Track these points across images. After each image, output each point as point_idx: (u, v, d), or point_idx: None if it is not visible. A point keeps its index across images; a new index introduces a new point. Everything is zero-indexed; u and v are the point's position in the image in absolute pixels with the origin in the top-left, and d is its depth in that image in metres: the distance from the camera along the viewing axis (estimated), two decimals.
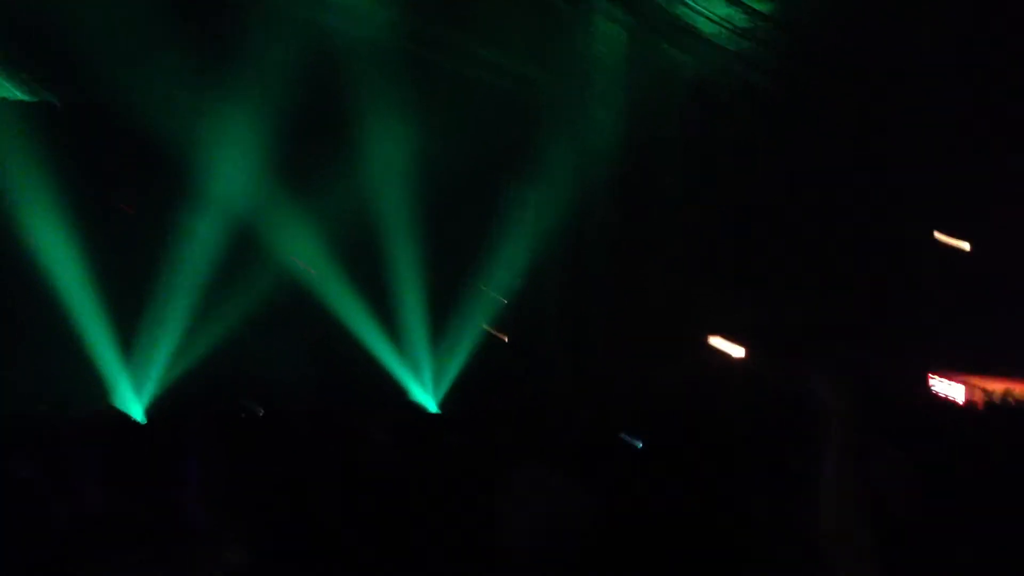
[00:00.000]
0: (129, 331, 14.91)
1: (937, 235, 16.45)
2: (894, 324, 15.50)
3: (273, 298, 15.74)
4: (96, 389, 14.56)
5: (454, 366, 17.61)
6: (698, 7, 15.34)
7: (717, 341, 15.79)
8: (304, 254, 16.42)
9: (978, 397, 14.55)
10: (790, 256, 15.92)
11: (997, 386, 14.29)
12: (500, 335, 18.32)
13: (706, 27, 15.49)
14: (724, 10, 15.69)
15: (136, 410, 14.98)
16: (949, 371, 16.25)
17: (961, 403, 14.70)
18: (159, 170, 14.78)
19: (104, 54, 12.19)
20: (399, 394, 17.00)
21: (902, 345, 15.21)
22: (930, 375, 16.09)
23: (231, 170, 14.91)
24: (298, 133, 14.80)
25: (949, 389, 16.31)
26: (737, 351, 15.94)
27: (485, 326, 17.56)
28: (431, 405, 17.49)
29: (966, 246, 16.51)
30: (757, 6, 16.02)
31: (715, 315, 15.92)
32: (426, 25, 15.30)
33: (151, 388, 15.29)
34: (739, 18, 15.84)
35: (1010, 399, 13.60)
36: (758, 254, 16.34)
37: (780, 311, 15.28)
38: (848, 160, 15.71)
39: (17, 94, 11.92)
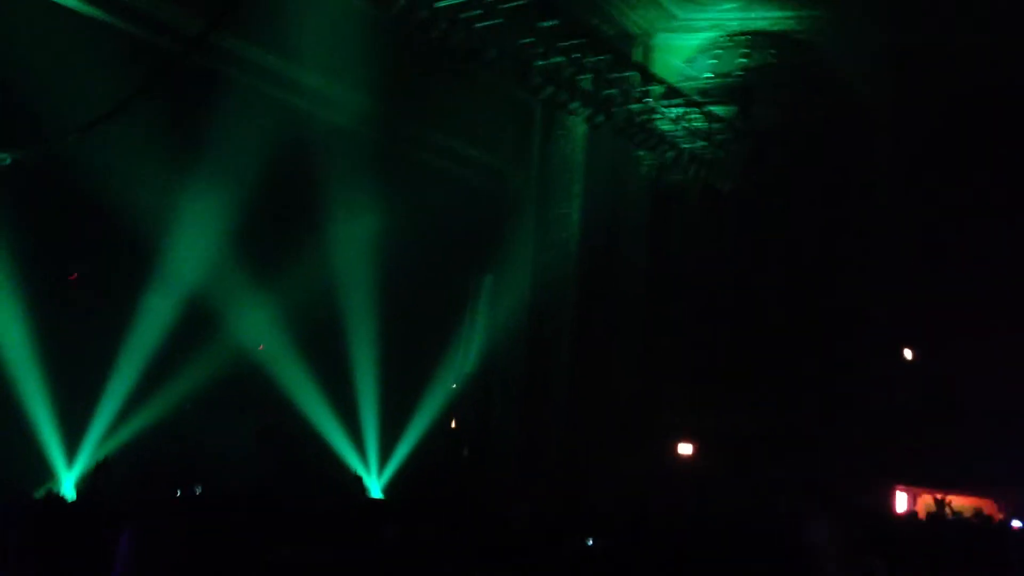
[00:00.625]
0: (69, 403, 14.45)
1: (900, 348, 16.75)
2: (855, 436, 15.62)
3: (223, 376, 15.45)
4: (31, 462, 14.02)
5: (401, 451, 17.41)
6: (657, 107, 15.72)
7: (677, 444, 15.77)
8: (259, 334, 16.17)
9: (930, 510, 14.66)
10: (751, 359, 16.06)
11: (955, 499, 14.44)
12: (449, 422, 18.16)
13: (664, 126, 15.87)
14: (680, 111, 16.11)
15: (67, 485, 14.45)
16: (912, 484, 16.40)
17: (919, 515, 14.80)
18: (114, 240, 14.52)
19: (67, 117, 12.03)
20: (344, 478, 16.69)
21: (862, 458, 15.33)
22: (896, 488, 16.22)
23: (191, 245, 14.70)
24: (262, 213, 14.71)
25: (909, 503, 16.47)
26: (690, 452, 15.93)
27: (436, 413, 17.41)
28: (375, 490, 17.19)
29: (923, 358, 16.81)
30: (715, 110, 16.50)
31: (673, 415, 15.93)
32: (397, 116, 15.45)
33: (84, 462, 14.78)
34: (696, 119, 16.26)
35: (947, 510, 13.74)
36: (720, 355, 16.47)
37: (740, 415, 15.34)
38: (811, 265, 16.04)
39: None
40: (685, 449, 15.93)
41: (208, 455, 15.59)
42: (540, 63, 14.02)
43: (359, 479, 16.80)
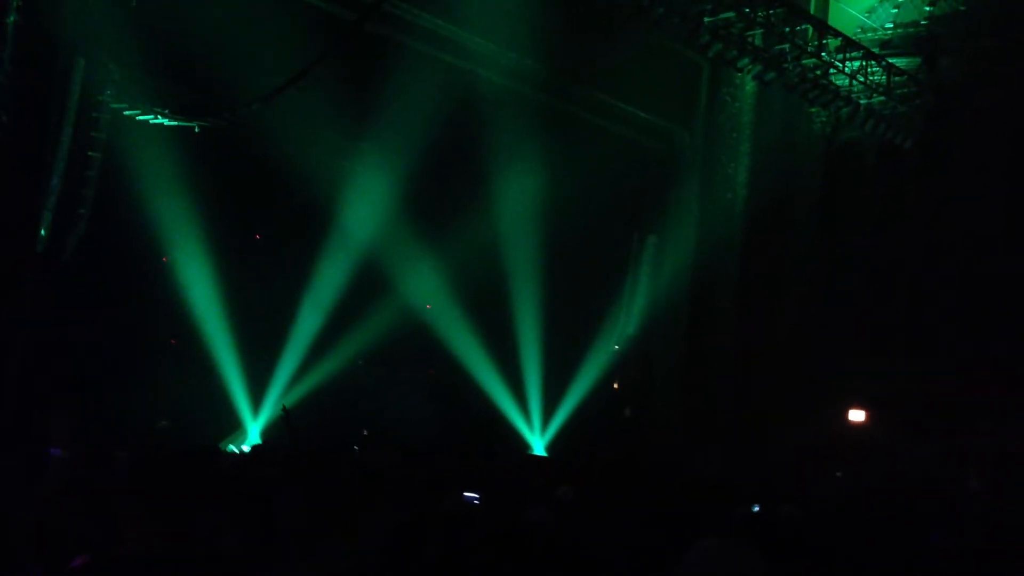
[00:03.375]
0: (253, 358, 15.31)
1: None
2: None
3: (396, 334, 16.01)
4: (217, 413, 14.95)
5: (563, 411, 17.60)
6: (833, 61, 15.03)
7: (848, 410, 15.24)
8: (430, 294, 16.65)
9: None
10: (930, 326, 15.29)
11: None
12: (612, 383, 18.19)
13: (839, 80, 15.15)
14: (858, 65, 15.33)
15: (253, 435, 15.37)
16: None
17: None
18: (295, 203, 15.21)
19: (249, 86, 12.59)
20: (509, 436, 17.05)
21: None
22: None
23: (364, 207, 15.24)
24: (433, 175, 15.07)
25: None
26: (863, 419, 15.37)
27: (600, 374, 17.48)
28: (539, 448, 17.48)
29: None
30: (897, 63, 15.62)
31: (844, 380, 15.39)
32: (564, 77, 15.40)
33: (267, 413, 15.65)
34: (875, 73, 15.44)
35: None
36: (896, 321, 15.76)
37: (918, 382, 14.67)
38: (996, 228, 15.04)
39: (161, 119, 12.38)
40: (857, 416, 15.39)
41: (380, 410, 16.28)
42: (708, 19, 13.67)
43: (524, 438, 17.19)
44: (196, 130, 12.66)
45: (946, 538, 7.22)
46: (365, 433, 15.74)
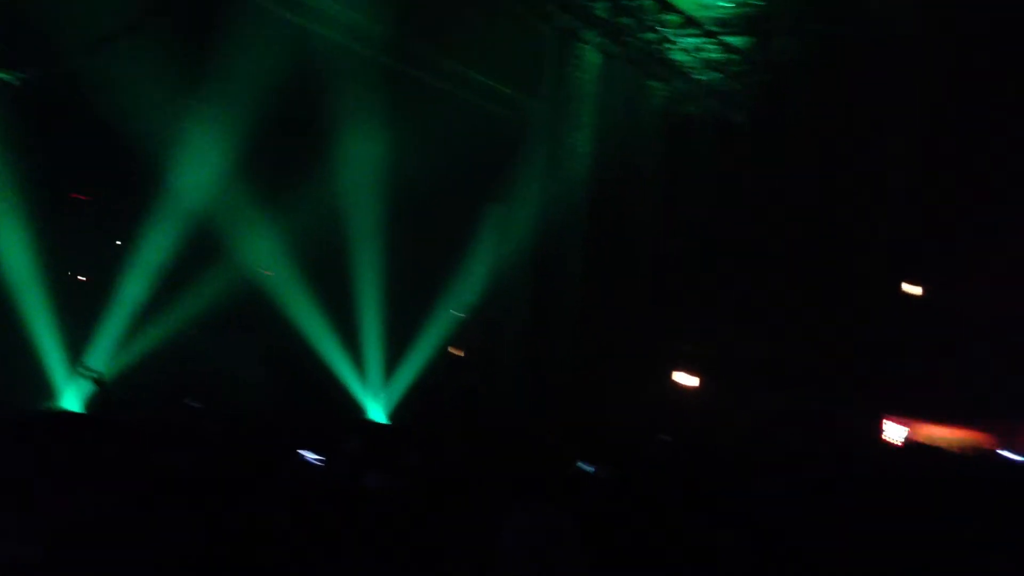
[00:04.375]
0: (73, 322, 14.46)
1: (901, 285, 16.84)
2: (851, 369, 15.77)
3: (228, 299, 15.45)
4: (38, 382, 14.08)
5: (407, 379, 17.51)
6: (672, 38, 15.46)
7: (679, 374, 15.90)
8: (266, 257, 16.13)
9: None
10: (754, 293, 16.10)
11: (943, 431, 14.69)
12: (458, 351, 18.23)
13: (678, 56, 15.61)
14: (696, 41, 15.84)
15: (70, 401, 14.54)
16: (902, 415, 16.66)
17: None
18: (122, 160, 14.36)
19: (73, 36, 11.80)
20: (349, 403, 16.83)
21: (857, 390, 15.50)
22: (884, 419, 16.45)
23: (197, 166, 14.54)
24: (271, 135, 14.51)
25: (899, 432, 16.74)
26: (695, 382, 16.07)
27: (444, 341, 17.46)
28: (381, 416, 17.35)
29: (921, 293, 16.94)
30: (731, 41, 16.22)
31: (678, 345, 16.02)
32: (409, 40, 15.14)
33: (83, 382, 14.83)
34: (712, 50, 15.99)
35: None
36: (724, 287, 16.49)
37: (744, 346, 15.44)
38: (821, 200, 15.96)
39: None
40: (690, 379, 16.07)
41: (212, 377, 15.71)
42: None
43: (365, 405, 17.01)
44: (14, 83, 11.82)
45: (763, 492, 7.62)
46: (190, 402, 15.15)
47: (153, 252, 14.85)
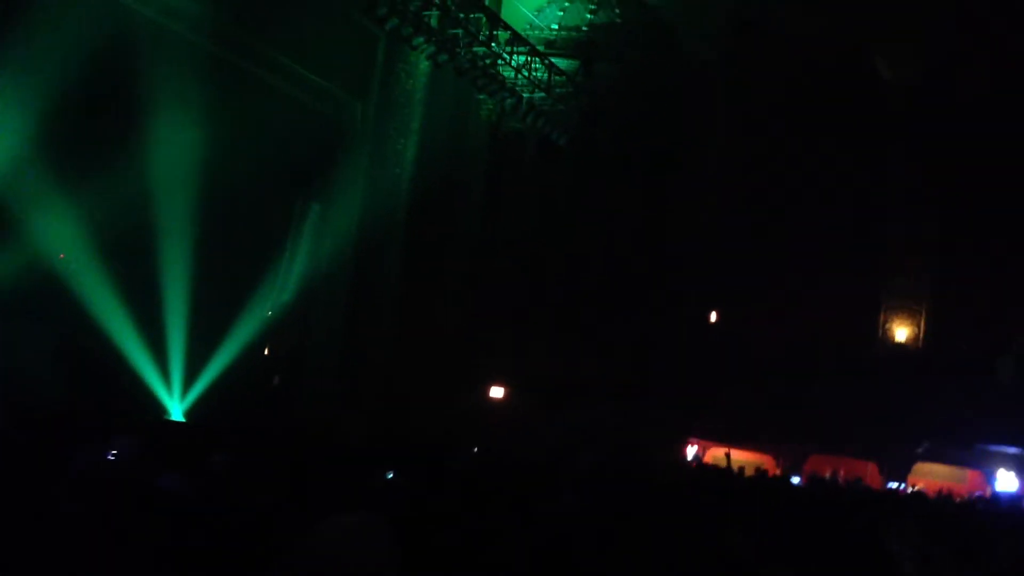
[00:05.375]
0: None
1: (707, 310, 17.75)
2: (657, 389, 16.47)
3: (17, 285, 14.39)
4: None
5: (212, 377, 16.85)
6: (502, 53, 15.71)
7: (491, 386, 16.08)
8: (62, 242, 15.12)
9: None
10: (571, 309, 16.53)
11: (739, 453, 15.54)
12: (265, 349, 17.71)
13: (506, 72, 15.89)
14: (524, 60, 16.16)
15: None
16: (704, 437, 17.54)
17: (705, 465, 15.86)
18: None
19: None
20: (144, 397, 16.04)
21: (663, 410, 16.19)
22: (688, 440, 17.26)
23: None
24: (77, 114, 13.64)
25: (700, 453, 17.66)
26: (502, 395, 16.30)
27: (253, 340, 16.94)
28: (177, 413, 16.61)
29: (724, 318, 17.91)
30: (558, 62, 16.65)
31: (491, 357, 16.20)
32: (235, 27, 14.63)
33: None
34: (538, 69, 16.36)
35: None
36: (542, 302, 16.84)
37: (556, 362, 15.80)
38: (635, 223, 16.61)
39: None
40: (497, 392, 16.29)
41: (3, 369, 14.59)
42: None
43: (162, 400, 16.24)
44: None
45: (566, 505, 7.82)
46: None
47: None
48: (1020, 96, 17.49)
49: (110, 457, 8.18)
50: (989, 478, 16.99)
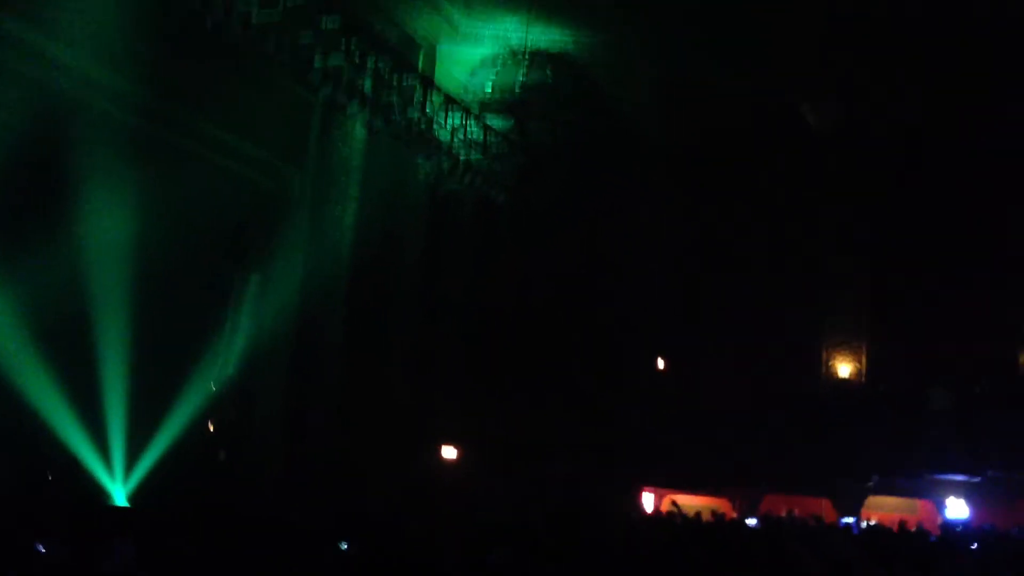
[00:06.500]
0: None
1: (654, 360, 17.94)
2: (609, 441, 16.54)
3: None
4: None
5: (150, 457, 16.44)
6: (436, 116, 15.88)
7: (441, 447, 15.96)
8: None
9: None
10: (520, 369, 16.56)
11: (689, 500, 15.60)
12: (208, 425, 17.36)
13: (442, 135, 16.05)
14: (458, 121, 16.37)
15: None
16: (659, 485, 17.60)
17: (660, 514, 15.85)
18: None
19: None
20: (85, 483, 15.57)
21: (616, 461, 16.24)
22: (643, 489, 17.32)
23: None
24: (4, 193, 13.40)
25: (654, 502, 17.69)
26: (454, 456, 16.18)
27: (195, 416, 16.59)
28: (120, 497, 16.16)
29: (670, 368, 18.14)
30: (491, 122, 16.89)
31: (441, 419, 16.11)
32: (166, 103, 14.56)
33: None
34: (473, 131, 16.58)
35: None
36: (490, 364, 16.84)
37: (507, 422, 15.76)
38: (578, 280, 16.81)
39: None
40: (449, 453, 16.16)
41: None
42: (320, 63, 13.75)
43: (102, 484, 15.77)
44: None
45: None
46: None
47: None
48: (942, 138, 18.23)
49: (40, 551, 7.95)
50: (939, 507, 17.26)
